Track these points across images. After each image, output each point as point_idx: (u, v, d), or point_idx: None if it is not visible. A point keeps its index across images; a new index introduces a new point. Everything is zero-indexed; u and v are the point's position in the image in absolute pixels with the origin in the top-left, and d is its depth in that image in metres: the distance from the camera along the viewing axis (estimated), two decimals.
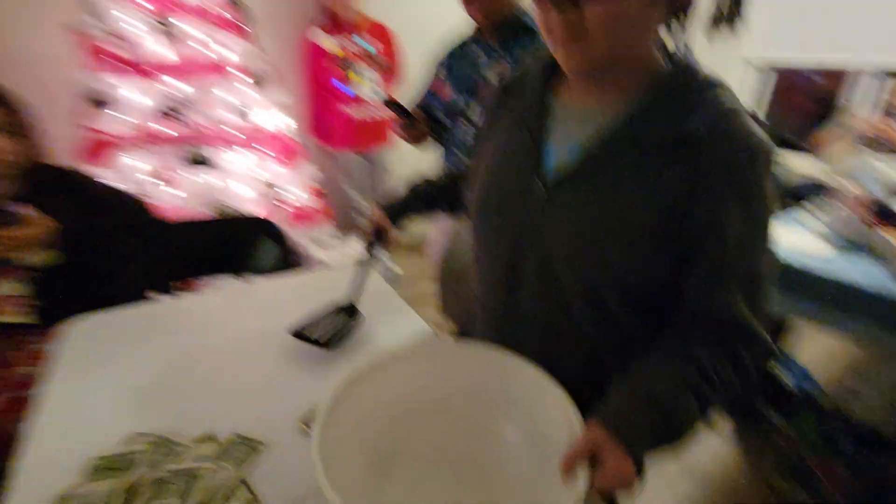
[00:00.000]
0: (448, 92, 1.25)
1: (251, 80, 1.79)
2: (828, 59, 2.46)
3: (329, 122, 2.16)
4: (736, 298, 0.51)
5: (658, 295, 0.55)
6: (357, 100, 2.10)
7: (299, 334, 0.76)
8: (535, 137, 0.57)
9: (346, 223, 2.25)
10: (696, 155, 0.49)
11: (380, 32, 2.13)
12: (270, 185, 1.82)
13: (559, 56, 0.51)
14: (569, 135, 0.56)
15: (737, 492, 1.29)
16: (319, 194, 2.04)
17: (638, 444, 0.45)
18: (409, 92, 1.40)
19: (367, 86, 2.10)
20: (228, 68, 1.73)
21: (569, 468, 0.43)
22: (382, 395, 0.53)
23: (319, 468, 0.40)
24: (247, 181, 1.76)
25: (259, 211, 1.72)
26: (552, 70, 0.58)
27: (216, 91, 1.69)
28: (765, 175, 0.50)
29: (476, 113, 1.17)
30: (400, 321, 0.90)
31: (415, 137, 1.28)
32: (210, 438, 0.57)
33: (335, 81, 2.04)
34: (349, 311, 0.82)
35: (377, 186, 2.37)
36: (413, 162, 2.21)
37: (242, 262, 1.29)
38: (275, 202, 1.82)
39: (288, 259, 1.36)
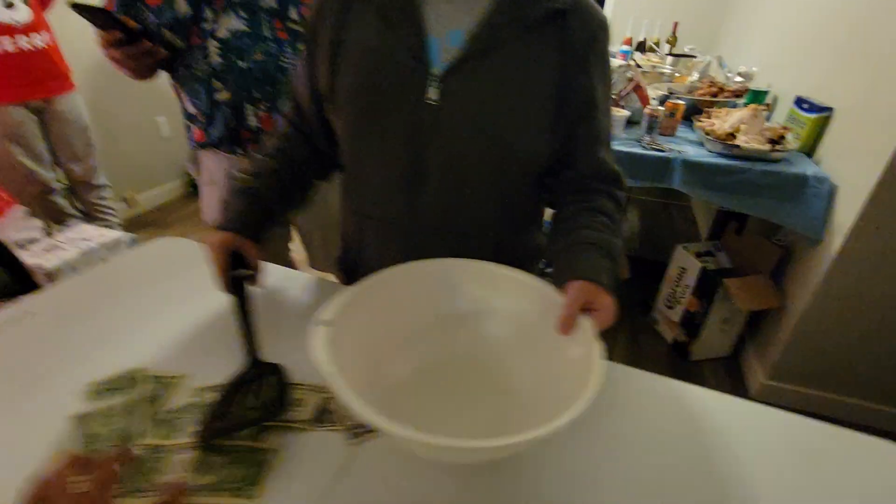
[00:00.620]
0: None
1: None
2: None
3: None
4: (608, 154, 0.62)
5: (546, 167, 0.62)
6: None
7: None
8: (414, 30, 0.54)
9: (36, 206, 1.73)
10: (563, 30, 0.54)
11: None
12: None
13: None
14: (445, 22, 0.54)
15: None
16: None
17: (607, 283, 0.51)
18: None
19: None
20: None
21: (570, 325, 0.48)
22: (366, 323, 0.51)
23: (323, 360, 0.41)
24: None
25: None
26: None
27: None
28: (608, 44, 0.59)
29: (223, 25, 0.93)
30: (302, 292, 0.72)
31: (143, 65, 0.92)
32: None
33: None
34: (260, 371, 0.53)
35: (63, 148, 1.83)
36: (109, 106, 2.04)
37: None
38: None
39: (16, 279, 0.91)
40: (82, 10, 0.77)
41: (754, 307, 1.45)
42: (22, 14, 1.60)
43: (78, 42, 1.82)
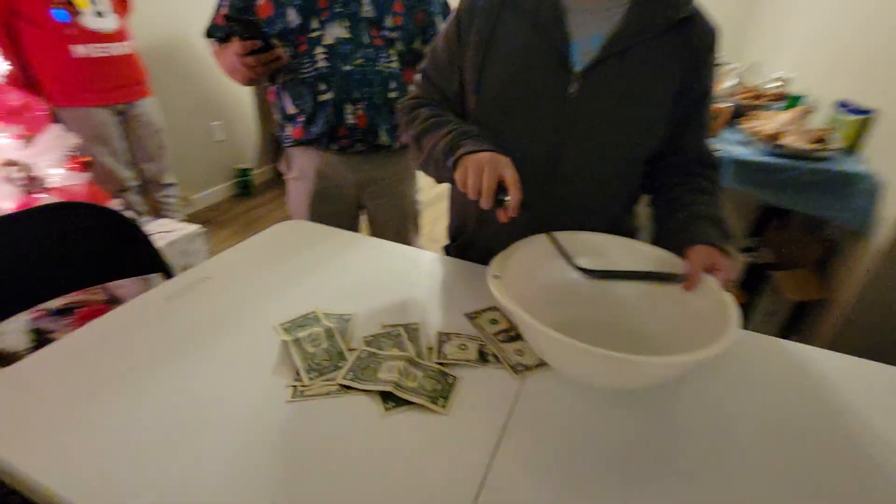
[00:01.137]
0: (268, 7, 1.01)
1: None
2: None
3: (45, 65, 1.64)
4: (709, 143, 0.74)
5: (655, 153, 0.71)
6: (80, 29, 1.64)
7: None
8: (561, 36, 0.63)
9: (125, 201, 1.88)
10: (686, 35, 0.64)
11: None
12: (13, 164, 1.24)
13: None
14: (588, 28, 0.63)
15: None
16: (86, 166, 1.49)
17: (724, 248, 0.61)
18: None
19: (90, 8, 1.65)
20: None
21: (695, 282, 0.58)
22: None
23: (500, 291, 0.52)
24: None
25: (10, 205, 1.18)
26: None
27: None
28: (719, 49, 0.68)
29: (329, 34, 1.03)
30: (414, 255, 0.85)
31: (268, 70, 1.02)
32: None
33: (52, 11, 1.57)
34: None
35: (140, 148, 1.96)
36: (168, 111, 2.06)
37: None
38: (27, 189, 1.26)
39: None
40: (237, 21, 0.88)
41: (802, 297, 1.52)
42: (110, 23, 1.74)
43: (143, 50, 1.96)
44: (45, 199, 1.26)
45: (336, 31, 1.06)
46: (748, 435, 0.51)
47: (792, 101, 1.84)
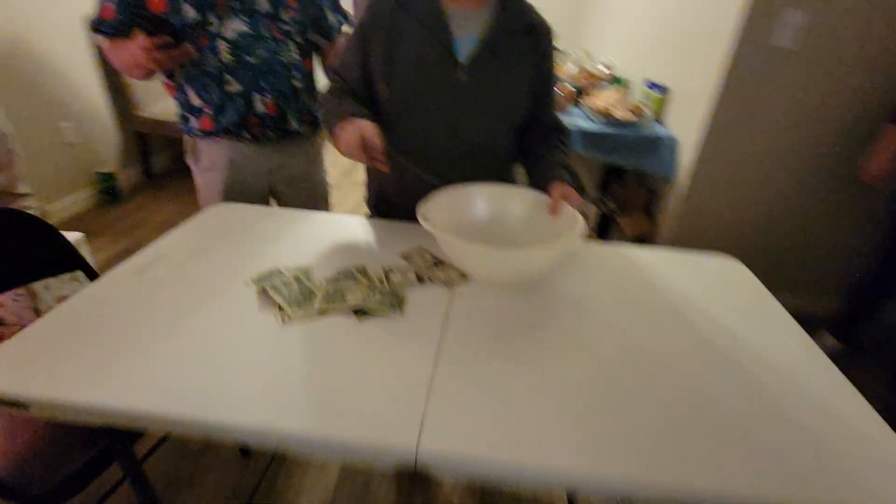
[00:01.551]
0: (161, 2, 1.05)
1: None
2: None
3: None
4: (555, 112, 1.02)
5: (524, 124, 0.98)
6: None
7: None
8: (447, 36, 0.84)
9: None
10: (536, 36, 0.90)
11: None
12: None
13: None
14: (465, 30, 0.86)
15: None
16: None
17: (573, 184, 0.86)
18: None
19: None
20: None
21: (557, 209, 0.83)
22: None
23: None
24: None
25: None
26: None
27: None
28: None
29: (229, 28, 1.11)
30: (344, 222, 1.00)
31: (173, 64, 1.11)
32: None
33: None
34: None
35: None
36: (21, 115, 2.00)
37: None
38: None
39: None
40: (146, 19, 0.93)
41: (638, 233, 1.98)
42: None
43: None
44: None
45: (236, 26, 1.13)
46: (604, 313, 0.79)
47: (616, 81, 2.31)
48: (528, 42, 0.89)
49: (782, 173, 1.74)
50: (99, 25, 1.11)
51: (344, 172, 3.29)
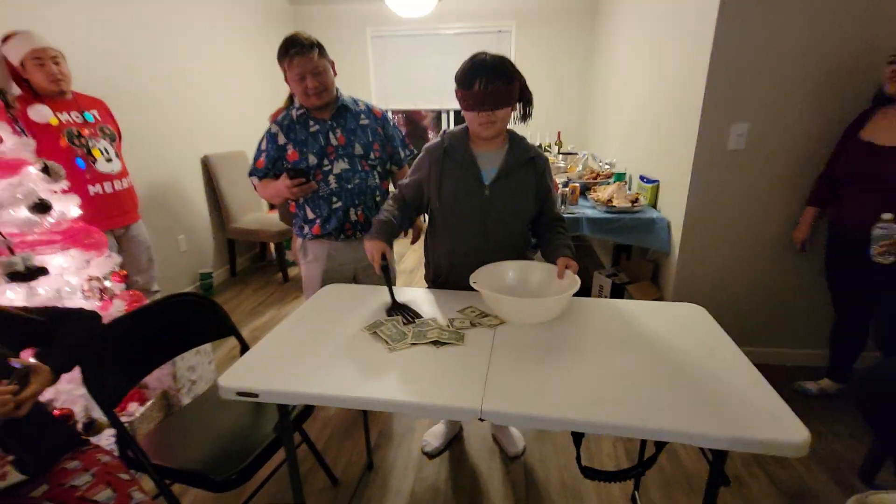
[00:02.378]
0: (294, 154, 1.65)
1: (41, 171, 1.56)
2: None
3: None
4: (557, 210, 1.44)
5: (533, 218, 1.42)
6: (94, 173, 2.08)
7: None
8: (477, 170, 1.32)
9: None
10: (535, 164, 1.36)
11: (94, 104, 2.19)
12: (94, 279, 1.64)
13: (481, 131, 1.28)
14: (488, 164, 1.33)
15: None
16: (124, 278, 1.89)
17: (573, 257, 1.27)
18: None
19: (102, 157, 2.13)
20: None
21: (562, 273, 1.23)
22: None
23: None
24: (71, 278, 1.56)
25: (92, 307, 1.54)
26: (468, 137, 1.34)
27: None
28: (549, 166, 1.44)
29: (337, 167, 1.66)
30: (414, 293, 1.41)
31: (304, 194, 1.65)
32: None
33: (77, 160, 2.01)
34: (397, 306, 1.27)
35: (132, 263, 2.31)
36: (155, 230, 2.68)
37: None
38: (101, 297, 1.66)
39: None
40: (291, 169, 1.49)
41: (646, 299, 2.32)
42: (116, 165, 2.21)
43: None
44: (116, 303, 1.65)
45: (342, 165, 1.70)
46: (597, 338, 1.16)
47: (617, 176, 2.81)
48: (530, 168, 1.37)
49: (750, 241, 2.11)
50: (255, 172, 1.70)
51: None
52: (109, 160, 2.17)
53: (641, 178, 2.57)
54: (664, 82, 2.41)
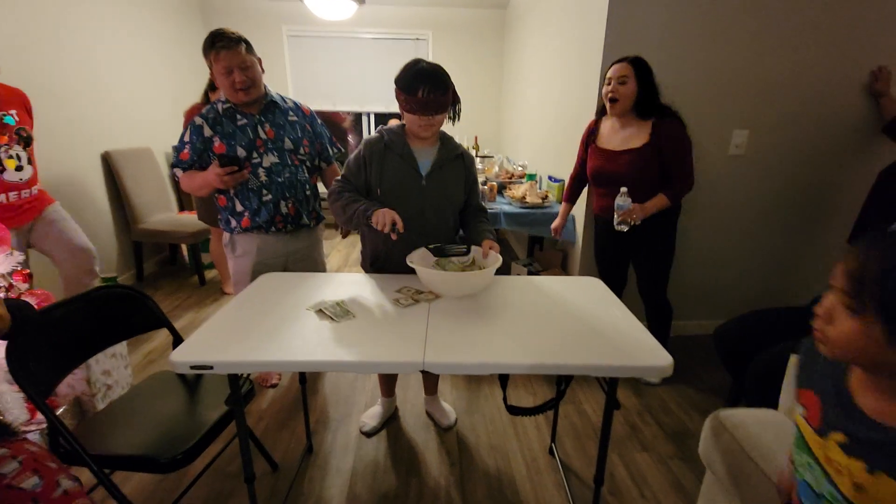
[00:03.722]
0: (222, 146, 1.67)
1: None
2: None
3: None
4: (480, 200, 1.64)
5: (461, 209, 1.60)
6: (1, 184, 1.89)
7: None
8: (415, 162, 1.45)
9: None
10: (462, 159, 1.56)
11: (13, 100, 1.95)
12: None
13: (420, 132, 1.41)
14: (424, 158, 1.46)
15: None
16: (28, 277, 1.74)
17: (495, 240, 1.47)
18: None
19: (14, 165, 1.92)
20: None
21: (487, 254, 1.42)
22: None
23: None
24: None
25: None
26: (405, 135, 1.46)
27: None
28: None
29: (266, 160, 1.71)
30: (351, 278, 1.56)
31: (234, 183, 1.66)
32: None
33: None
34: None
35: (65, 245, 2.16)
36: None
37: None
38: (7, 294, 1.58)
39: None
40: (222, 157, 1.52)
41: None
42: (27, 173, 2.02)
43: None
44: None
45: (271, 159, 1.74)
46: (515, 304, 1.35)
47: (529, 176, 3.10)
48: (459, 163, 1.54)
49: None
50: (178, 163, 1.68)
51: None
52: (20, 168, 1.99)
53: (550, 177, 2.89)
54: (564, 91, 2.73)
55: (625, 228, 1.89)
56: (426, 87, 1.34)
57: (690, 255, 2.50)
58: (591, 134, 2.12)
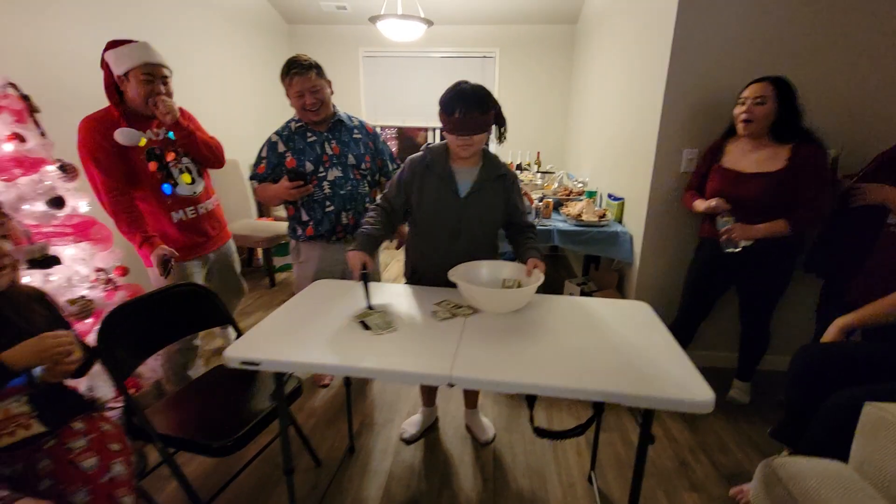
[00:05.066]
0: (293, 161, 1.81)
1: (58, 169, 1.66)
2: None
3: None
4: (527, 219, 1.63)
5: (502, 225, 1.61)
6: (176, 198, 1.80)
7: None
8: (453, 184, 1.49)
9: None
10: (504, 180, 1.56)
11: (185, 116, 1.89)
12: (101, 270, 1.75)
13: (459, 151, 1.45)
14: (464, 179, 1.50)
15: None
16: (124, 271, 1.89)
17: (542, 259, 1.45)
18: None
19: (188, 178, 1.84)
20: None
21: (531, 272, 1.42)
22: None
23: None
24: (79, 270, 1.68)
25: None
26: (447, 155, 1.51)
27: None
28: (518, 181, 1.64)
29: (330, 174, 1.85)
30: (395, 289, 1.56)
31: (300, 196, 1.82)
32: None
33: (165, 186, 1.76)
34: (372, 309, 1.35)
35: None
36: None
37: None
38: (106, 288, 1.76)
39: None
40: (290, 172, 1.66)
41: None
42: (199, 186, 1.89)
43: None
44: (119, 294, 1.78)
45: (335, 173, 1.87)
46: (555, 325, 1.34)
47: (588, 193, 3.04)
48: (499, 183, 1.55)
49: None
50: (255, 176, 1.87)
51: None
52: (192, 181, 1.86)
53: (609, 195, 2.81)
54: (629, 109, 2.66)
55: (735, 249, 1.81)
56: (462, 107, 1.38)
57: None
58: (716, 152, 2.01)
